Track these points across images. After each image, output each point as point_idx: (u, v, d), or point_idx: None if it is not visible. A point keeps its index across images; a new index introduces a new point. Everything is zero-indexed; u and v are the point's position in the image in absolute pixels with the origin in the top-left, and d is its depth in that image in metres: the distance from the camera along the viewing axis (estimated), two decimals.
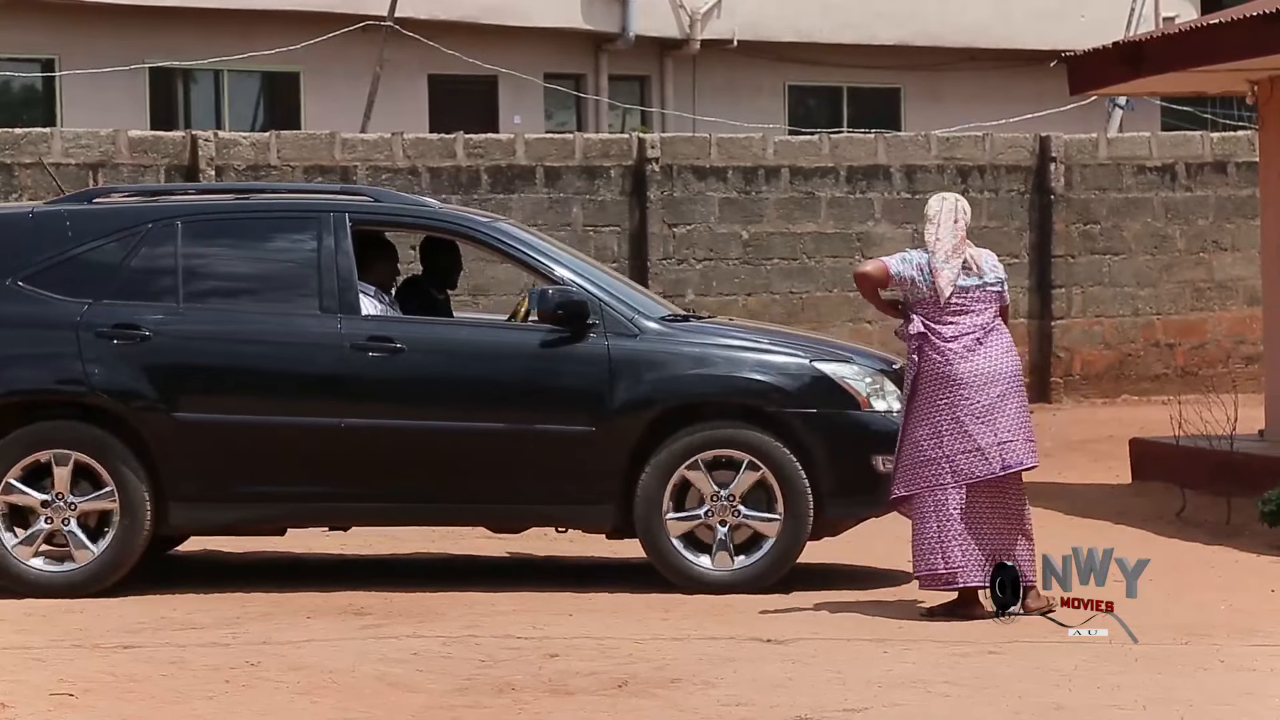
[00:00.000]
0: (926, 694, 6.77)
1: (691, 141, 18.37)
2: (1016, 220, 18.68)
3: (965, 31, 22.93)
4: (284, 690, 6.90)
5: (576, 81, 22.59)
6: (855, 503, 9.05)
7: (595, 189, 17.87)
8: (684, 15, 22.32)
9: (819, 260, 18.32)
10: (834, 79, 23.09)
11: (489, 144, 17.73)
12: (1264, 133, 13.63)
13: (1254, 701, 6.58)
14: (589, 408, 8.90)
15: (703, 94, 22.61)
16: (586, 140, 18.15)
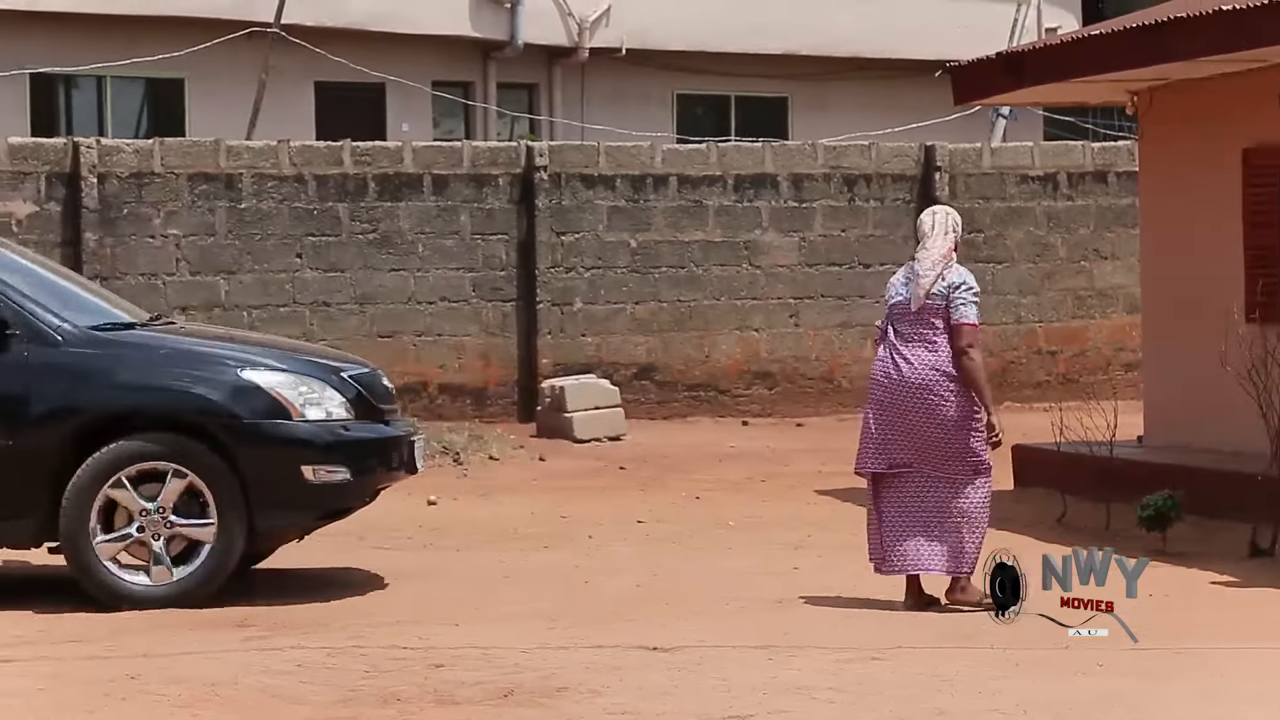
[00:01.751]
0: (811, 700, 6.80)
1: (580, 150, 18.38)
2: (902, 229, 18.83)
3: (852, 42, 23.09)
4: (165, 703, 6.83)
5: (465, 89, 22.54)
6: (289, 512, 9.04)
7: (483, 197, 17.83)
8: (572, 24, 22.33)
9: (707, 268, 18.38)
10: (722, 88, 23.19)
11: (376, 151, 17.65)
12: (1143, 143, 13.83)
13: (1134, 706, 6.66)
14: (3, 420, 8.73)
15: (591, 102, 22.64)
16: (475, 148, 18.12)
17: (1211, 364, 10.95)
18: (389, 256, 17.54)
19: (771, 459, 15.65)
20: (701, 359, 18.35)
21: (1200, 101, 12.72)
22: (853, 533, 11.47)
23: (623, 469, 15.16)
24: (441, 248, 17.67)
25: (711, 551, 10.83)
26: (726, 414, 18.23)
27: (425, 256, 17.63)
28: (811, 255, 18.64)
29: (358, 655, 7.61)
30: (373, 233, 17.52)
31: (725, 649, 7.75)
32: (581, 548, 11.01)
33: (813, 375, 18.62)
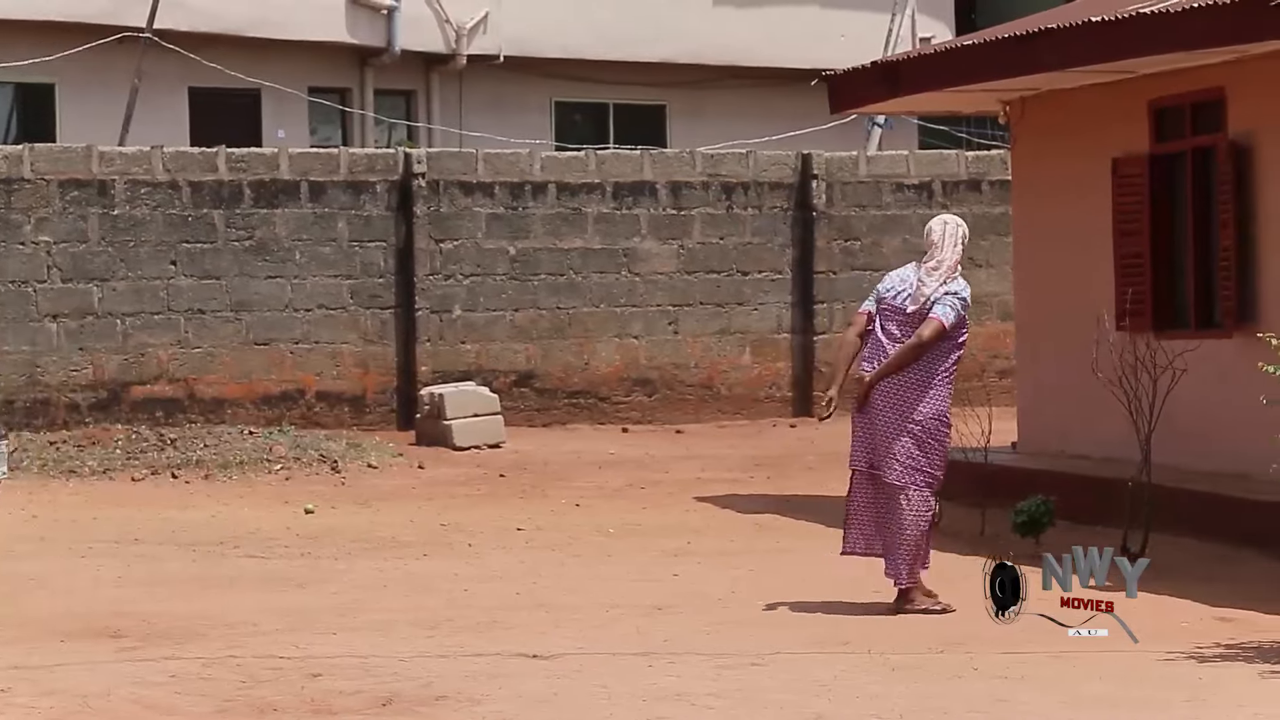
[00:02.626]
0: (690, 707, 6.82)
1: (458, 157, 18.33)
2: (780, 236, 18.94)
3: (729, 50, 23.18)
4: (36, 716, 6.73)
5: (341, 95, 22.40)
6: None
7: (361, 204, 17.74)
8: (450, 31, 22.26)
9: (586, 276, 18.39)
10: (600, 95, 23.21)
11: (252, 158, 17.51)
12: (1016, 152, 14.00)
13: (1006, 708, 6.74)
14: None
15: (469, 109, 22.58)
16: (352, 155, 18.03)
17: (1083, 371, 11.10)
18: (265, 264, 17.41)
19: (651, 466, 15.67)
20: (581, 366, 18.36)
21: (1071, 112, 12.90)
22: (731, 539, 11.56)
23: (502, 476, 15.13)
24: (319, 255, 17.56)
25: (591, 559, 10.83)
26: (606, 421, 18.24)
27: (302, 264, 17.51)
28: (690, 263, 18.70)
29: (233, 665, 7.53)
30: (249, 240, 17.37)
31: (605, 656, 7.76)
32: (461, 555, 10.98)
33: (692, 382, 18.68)
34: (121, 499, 13.72)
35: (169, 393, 17.02)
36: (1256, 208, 11.38)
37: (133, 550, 11.15)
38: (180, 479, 14.64)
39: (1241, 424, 10.46)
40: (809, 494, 13.83)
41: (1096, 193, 12.55)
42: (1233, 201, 11.47)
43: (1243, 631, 8.19)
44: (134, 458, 15.19)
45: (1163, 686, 7.07)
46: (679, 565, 10.50)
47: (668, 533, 11.85)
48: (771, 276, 18.95)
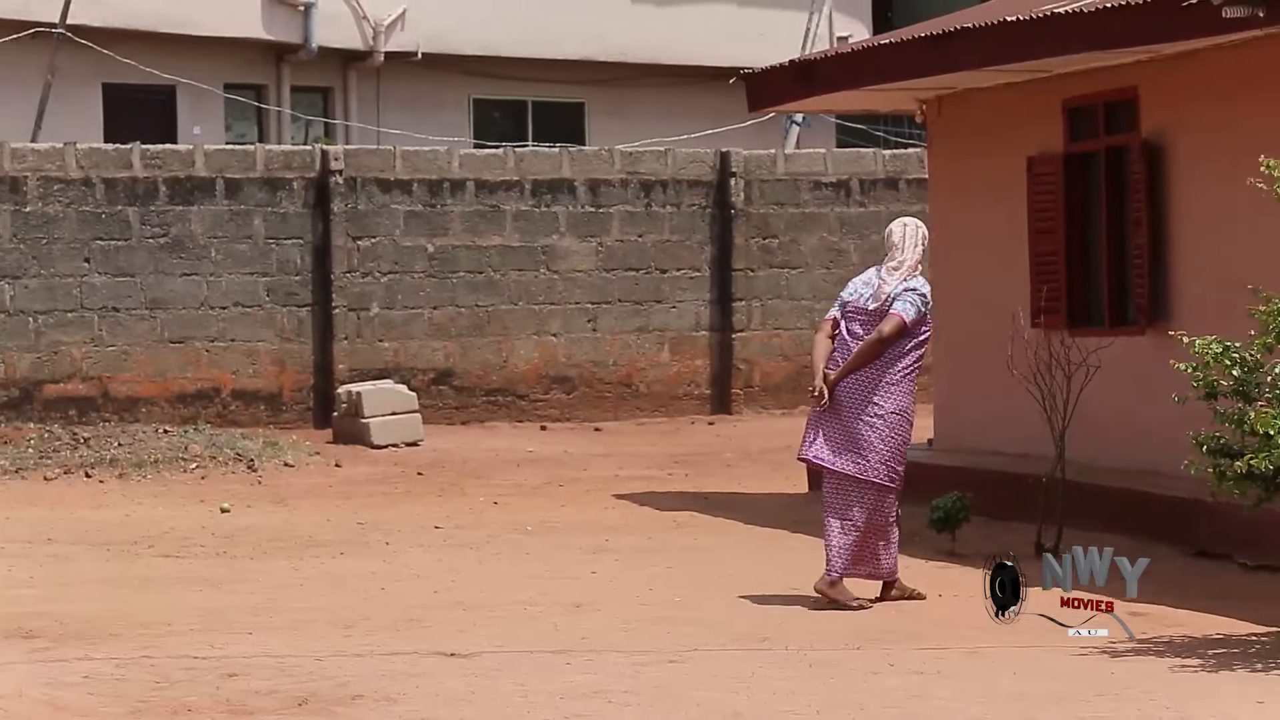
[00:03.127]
0: (608, 704, 6.82)
1: (376, 154, 18.27)
2: (698, 234, 18.98)
3: (648, 48, 23.20)
4: None
5: (258, 92, 22.26)
6: None
7: (277, 201, 17.65)
8: (367, 27, 22.16)
9: (504, 273, 18.37)
10: (519, 93, 23.17)
11: (167, 155, 17.39)
12: (932, 151, 14.07)
13: (921, 704, 6.77)
14: None
15: (387, 106, 22.49)
16: (268, 152, 17.93)
17: (999, 368, 11.17)
18: (180, 261, 17.29)
19: (569, 464, 15.67)
20: (500, 364, 18.33)
21: (987, 111, 12.98)
22: (649, 536, 11.56)
23: (420, 475, 15.08)
24: (235, 252, 17.46)
25: (509, 557, 10.81)
26: (525, 419, 18.22)
27: (218, 261, 17.40)
28: (609, 260, 18.71)
29: (148, 666, 7.47)
30: (164, 237, 17.25)
31: (522, 654, 7.75)
32: (378, 554, 10.94)
33: (611, 380, 18.68)
34: (34, 498, 13.59)
35: (82, 391, 16.88)
36: (1169, 207, 11.49)
37: (45, 550, 11.04)
38: (94, 478, 14.51)
39: (1154, 421, 10.55)
40: (727, 491, 13.86)
41: (1012, 191, 12.63)
42: (1146, 200, 11.57)
43: (1154, 626, 8.27)
44: (47, 457, 15.04)
45: (1075, 681, 7.13)
46: (597, 563, 10.50)
47: (586, 530, 11.85)
48: (690, 274, 18.98)
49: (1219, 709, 6.65)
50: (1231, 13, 9.46)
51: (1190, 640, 7.87)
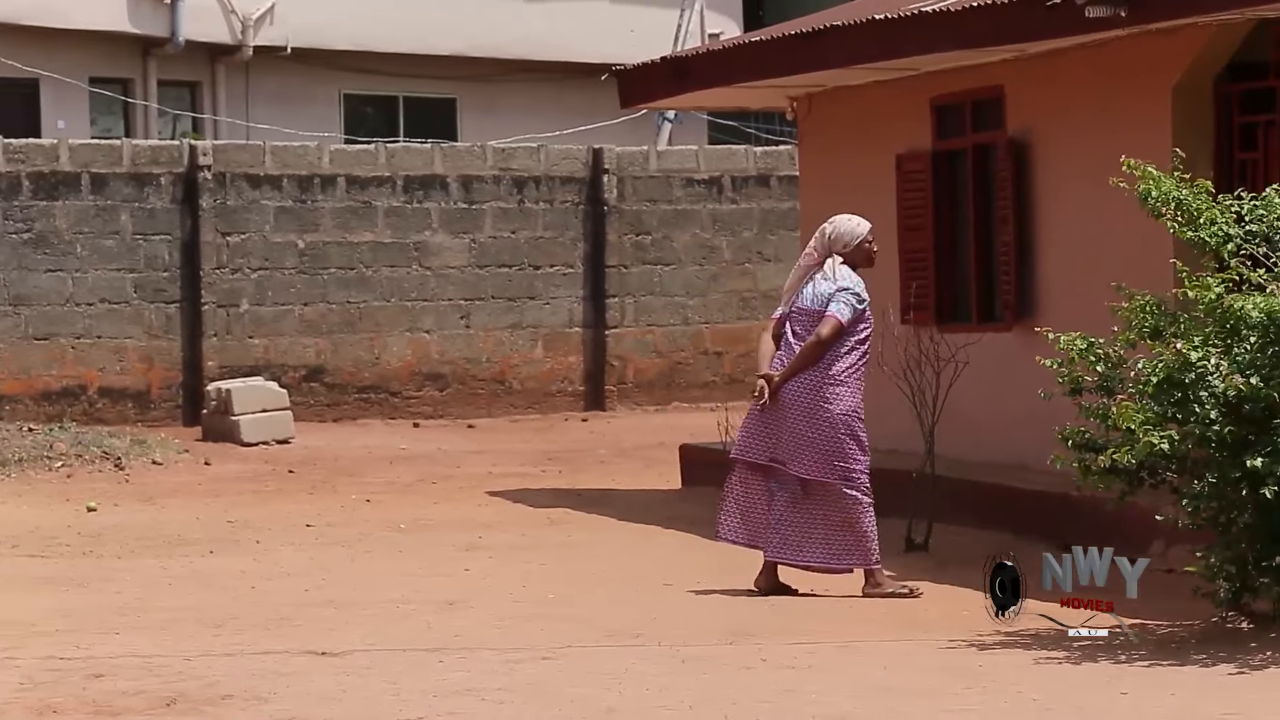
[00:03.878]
0: (481, 702, 6.80)
1: (245, 149, 18.11)
2: (571, 231, 18.98)
3: (520, 43, 23.16)
4: None
5: (124, 86, 21.98)
6: None
7: (145, 196, 17.45)
8: (235, 21, 21.94)
9: (376, 270, 18.27)
10: (390, 88, 23.04)
11: (30, 149, 17.13)
12: (803, 147, 14.17)
13: (793, 698, 6.81)
14: None
15: (256, 101, 22.28)
16: (135, 146, 17.72)
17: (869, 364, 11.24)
18: (45, 257, 17.04)
19: (443, 461, 15.62)
20: (372, 361, 18.23)
21: (856, 108, 13.08)
22: (523, 533, 11.55)
23: (292, 472, 14.97)
24: (101, 248, 17.23)
25: (382, 554, 10.76)
26: (398, 416, 18.14)
27: (84, 257, 17.17)
28: (482, 257, 18.66)
29: (11, 667, 7.36)
30: (27, 232, 17.00)
31: (395, 652, 7.71)
32: (248, 552, 10.84)
33: (484, 377, 18.64)
34: None
35: None
36: (1035, 204, 11.64)
37: None
38: None
39: (1021, 416, 10.68)
40: (601, 487, 13.88)
41: (881, 188, 12.74)
42: (1012, 198, 11.71)
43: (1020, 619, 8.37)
44: None
45: (944, 674, 7.21)
46: (470, 560, 10.48)
47: (459, 527, 11.81)
48: (563, 271, 18.97)
49: (1084, 700, 6.74)
50: (1094, 13, 9.60)
51: (1056, 633, 7.97)
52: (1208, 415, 7.46)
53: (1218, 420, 7.45)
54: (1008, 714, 6.54)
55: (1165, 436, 7.47)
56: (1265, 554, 7.52)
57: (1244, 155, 10.41)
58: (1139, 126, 10.54)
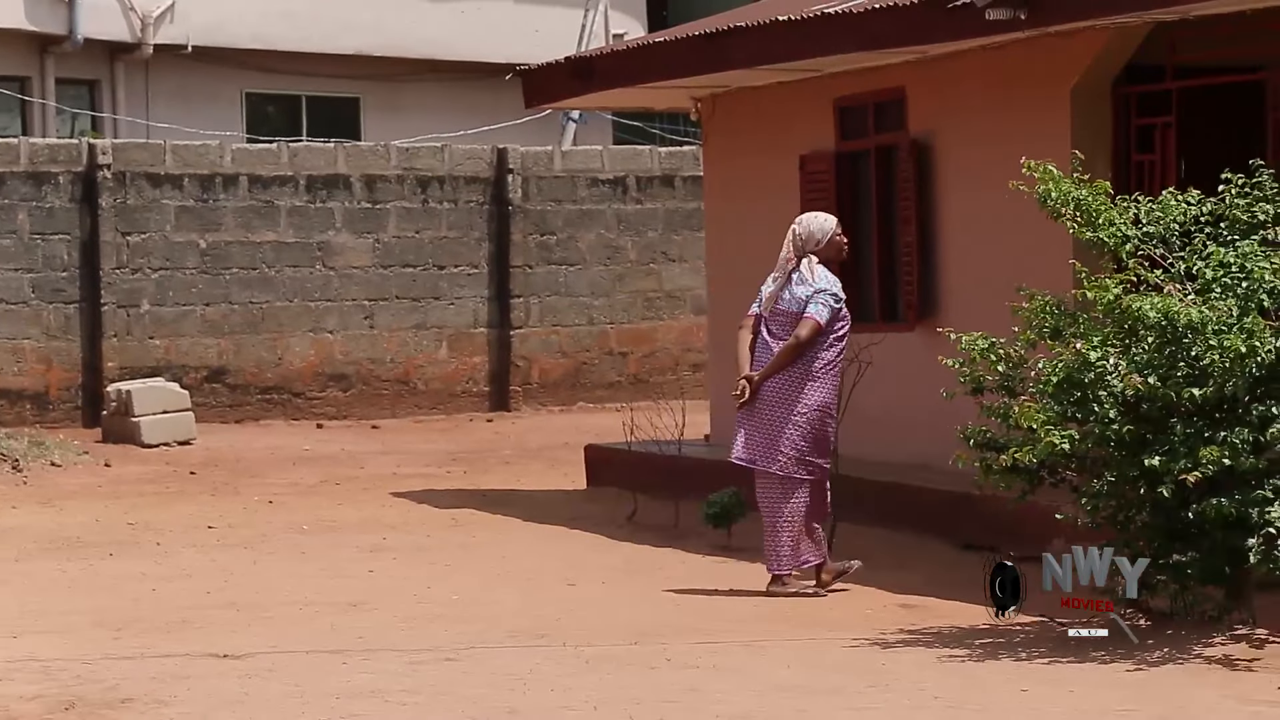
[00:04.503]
0: (385, 704, 6.78)
1: (145, 148, 17.94)
2: (476, 231, 18.94)
3: (424, 43, 23.07)
4: None
5: (21, 84, 21.70)
6: None
7: (43, 195, 17.27)
8: (135, 19, 21.72)
9: (279, 270, 18.16)
10: (293, 87, 22.89)
11: None
12: (707, 148, 14.20)
13: (698, 697, 6.83)
14: None
15: (157, 100, 22.07)
16: (33, 145, 17.52)
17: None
18: None
19: (346, 462, 15.54)
20: (275, 361, 18.12)
21: (760, 109, 13.13)
22: (427, 534, 11.52)
23: (193, 474, 14.85)
24: None
25: (284, 556, 10.70)
26: (301, 416, 18.04)
27: None
28: (386, 257, 18.59)
29: None
30: None
31: (298, 654, 7.67)
32: (149, 555, 10.75)
33: (388, 377, 18.57)
34: None
35: None
36: (937, 205, 11.72)
37: None
38: None
39: (923, 416, 10.75)
40: (505, 488, 13.86)
41: (785, 189, 12.79)
42: (914, 199, 11.79)
43: (924, 617, 8.44)
44: None
45: (847, 672, 7.25)
46: (374, 561, 10.43)
47: (363, 529, 11.76)
48: (468, 271, 18.93)
49: (985, 698, 6.80)
50: (994, 15, 9.69)
51: (958, 631, 8.04)
52: (1107, 415, 7.54)
53: (1116, 419, 7.53)
54: (910, 712, 6.59)
55: (1065, 436, 7.54)
56: (1162, 552, 7.60)
57: (1141, 157, 10.53)
58: (1039, 128, 10.64)
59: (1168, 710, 6.56)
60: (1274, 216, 7.78)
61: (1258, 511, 7.33)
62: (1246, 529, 7.36)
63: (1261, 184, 7.86)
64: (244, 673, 7.30)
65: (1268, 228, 7.75)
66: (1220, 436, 7.35)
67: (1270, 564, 7.32)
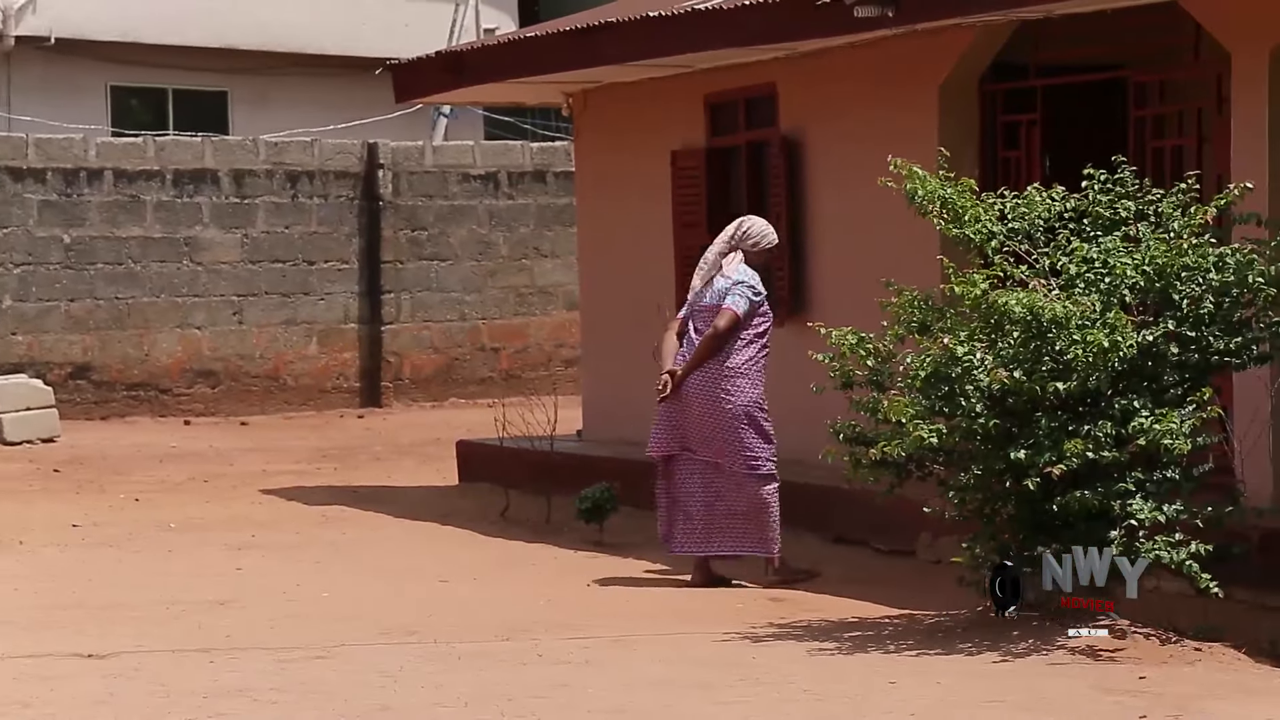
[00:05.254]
0: (253, 702, 6.72)
1: (7, 141, 17.68)
2: (346, 226, 18.82)
3: (294, 36, 22.88)
4: None
5: None
6: None
7: None
8: None
9: (146, 265, 17.96)
10: (159, 80, 22.60)
11: None
12: (579, 143, 14.19)
13: (568, 693, 6.83)
14: None
15: (18, 93, 21.71)
16: None
17: (645, 360, 11.30)
18: None
19: (215, 459, 15.39)
20: (141, 358, 17.91)
21: (632, 104, 13.14)
22: (297, 531, 11.43)
23: (57, 471, 14.63)
24: None
25: (151, 555, 10.57)
26: (168, 413, 17.85)
27: None
28: (255, 252, 18.43)
29: None
30: None
31: (164, 654, 7.59)
32: (11, 553, 10.58)
33: (257, 373, 18.41)
34: None
35: None
36: (808, 202, 11.79)
37: None
38: None
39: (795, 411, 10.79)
40: (376, 485, 13.78)
41: (657, 185, 12.81)
42: (785, 195, 11.85)
43: (793, 611, 8.49)
44: None
45: (718, 667, 7.27)
46: (243, 559, 10.33)
47: (232, 526, 11.65)
48: (338, 266, 18.81)
49: (853, 690, 6.85)
50: (863, 12, 9.76)
51: (828, 624, 8.10)
52: (973, 409, 7.62)
53: (983, 413, 7.61)
54: (779, 705, 6.62)
55: (933, 430, 7.61)
56: (1027, 544, 7.70)
57: (1008, 153, 10.66)
58: (907, 125, 10.73)
59: (1032, 700, 6.64)
60: (1135, 213, 7.90)
61: (1119, 504, 7.44)
62: (1109, 521, 7.46)
63: (1123, 180, 7.98)
64: (109, 673, 7.21)
65: (1129, 224, 7.87)
66: (1084, 430, 7.45)
67: (1131, 555, 7.43)
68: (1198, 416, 7.49)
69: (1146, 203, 7.91)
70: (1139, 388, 7.59)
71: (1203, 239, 7.70)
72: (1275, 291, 7.61)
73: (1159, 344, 7.58)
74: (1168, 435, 7.36)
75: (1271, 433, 8.66)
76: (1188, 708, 6.46)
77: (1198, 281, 7.61)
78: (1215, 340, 7.63)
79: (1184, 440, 7.39)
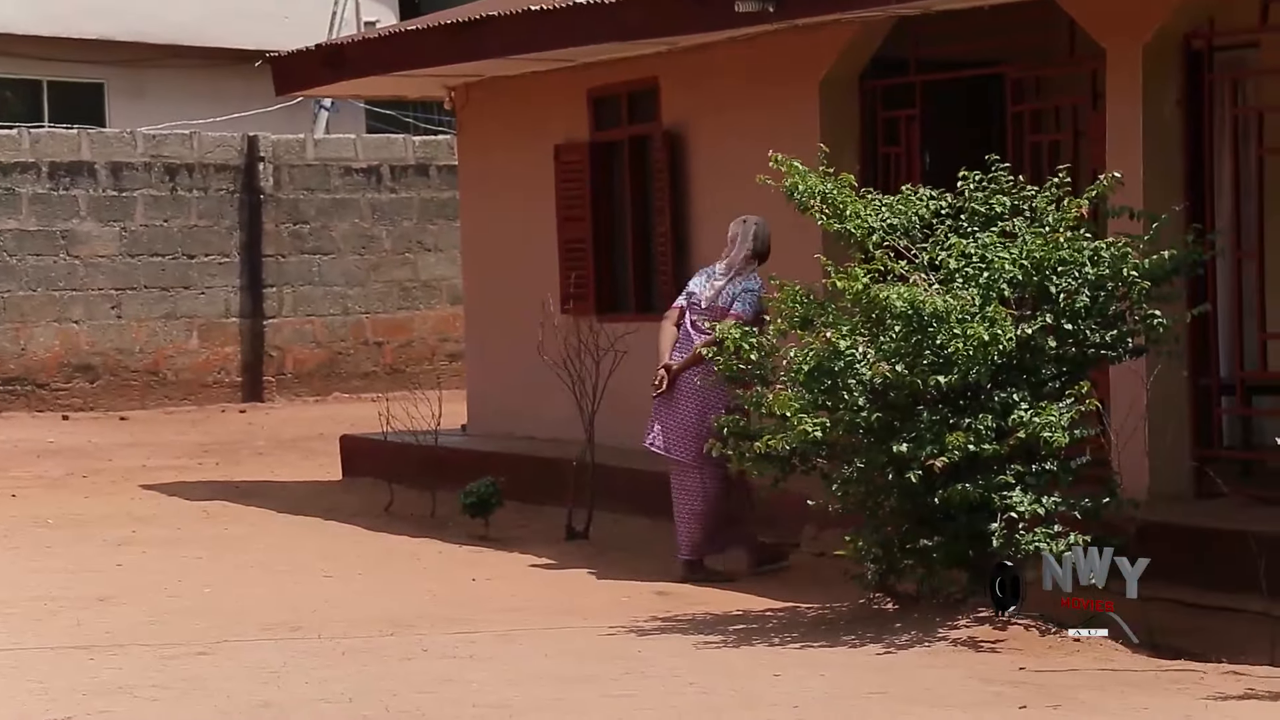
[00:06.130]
0: (134, 699, 6.66)
1: None
2: (227, 219, 18.67)
3: (171, 28, 22.64)
4: None
5: None
6: None
7: None
8: None
9: (21, 259, 17.73)
10: (33, 71, 22.29)
11: None
12: (462, 137, 14.16)
13: (454, 687, 6.82)
14: None
15: None
16: None
17: (530, 354, 11.33)
18: None
19: (94, 454, 15.22)
20: (17, 352, 17.68)
21: (514, 98, 13.13)
22: (178, 527, 11.34)
23: None
24: None
25: (28, 551, 10.44)
26: (45, 408, 17.64)
27: None
28: (133, 246, 18.23)
29: None
30: None
31: (43, 651, 7.51)
32: None
33: (137, 368, 18.23)
34: None
35: None
36: (690, 196, 11.83)
37: None
38: None
39: None
40: (259, 479, 13.69)
41: (540, 179, 12.81)
42: (668, 189, 11.89)
43: (678, 605, 8.53)
44: None
45: (604, 661, 7.29)
46: (123, 555, 10.24)
47: (111, 522, 11.53)
48: (219, 260, 18.66)
49: (738, 683, 6.89)
50: (744, 8, 9.81)
51: (713, 618, 8.14)
52: (856, 402, 7.67)
53: (865, 407, 7.67)
54: (665, 698, 6.65)
55: (817, 423, 7.66)
56: (910, 536, 7.77)
57: (888, 149, 10.75)
58: (789, 120, 10.80)
59: (915, 691, 6.71)
60: (1011, 208, 7.99)
61: (999, 496, 7.52)
62: (989, 513, 7.55)
63: (998, 178, 8.07)
64: None
65: (1005, 219, 7.96)
66: (965, 423, 7.52)
67: (1011, 547, 7.52)
68: (1076, 410, 7.59)
69: (1022, 198, 8.00)
70: (1018, 381, 7.68)
71: (1078, 233, 7.80)
72: (1149, 285, 7.72)
73: (1037, 338, 7.67)
74: (1046, 428, 7.46)
75: (1147, 425, 8.80)
76: (1068, 698, 6.55)
77: (1074, 275, 7.71)
78: (1092, 334, 7.74)
79: (1062, 433, 7.49)
